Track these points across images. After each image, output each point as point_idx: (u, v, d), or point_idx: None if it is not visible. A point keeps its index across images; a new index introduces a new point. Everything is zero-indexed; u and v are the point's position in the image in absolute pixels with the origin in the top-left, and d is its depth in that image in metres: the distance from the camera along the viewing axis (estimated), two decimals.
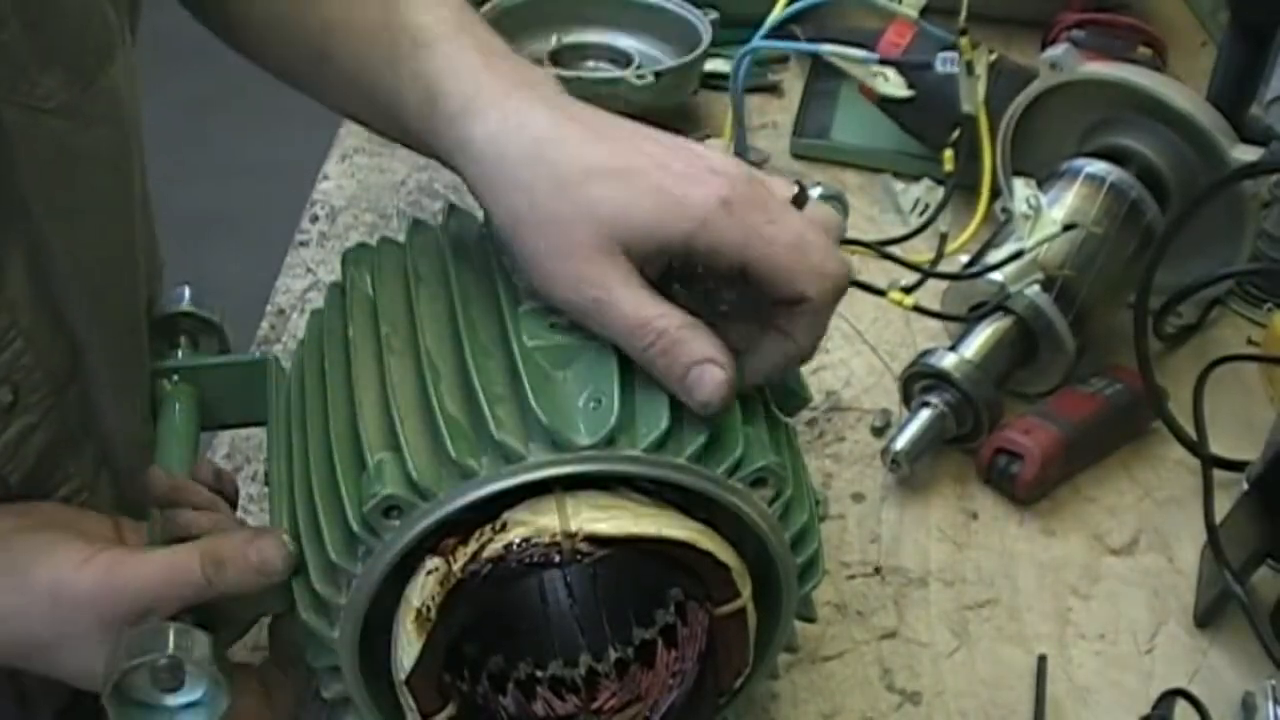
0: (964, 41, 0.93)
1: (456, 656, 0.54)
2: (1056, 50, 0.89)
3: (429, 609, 0.50)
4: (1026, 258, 0.81)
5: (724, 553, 0.53)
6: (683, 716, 0.57)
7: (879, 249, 0.87)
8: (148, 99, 0.69)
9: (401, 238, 0.62)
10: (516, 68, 0.58)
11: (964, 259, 0.87)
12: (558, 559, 0.50)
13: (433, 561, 0.50)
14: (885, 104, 1.01)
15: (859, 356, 0.87)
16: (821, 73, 1.14)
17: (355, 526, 0.50)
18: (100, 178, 0.64)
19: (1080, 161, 0.87)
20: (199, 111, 2.79)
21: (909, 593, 0.73)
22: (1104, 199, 0.85)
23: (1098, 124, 0.90)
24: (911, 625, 0.71)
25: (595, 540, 0.50)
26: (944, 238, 0.93)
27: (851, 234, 0.90)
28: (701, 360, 0.51)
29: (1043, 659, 0.70)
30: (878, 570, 0.74)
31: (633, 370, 0.52)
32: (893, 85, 0.97)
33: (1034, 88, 0.90)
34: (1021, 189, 0.83)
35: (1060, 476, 0.79)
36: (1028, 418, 0.80)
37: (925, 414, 0.79)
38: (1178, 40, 1.14)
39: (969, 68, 0.93)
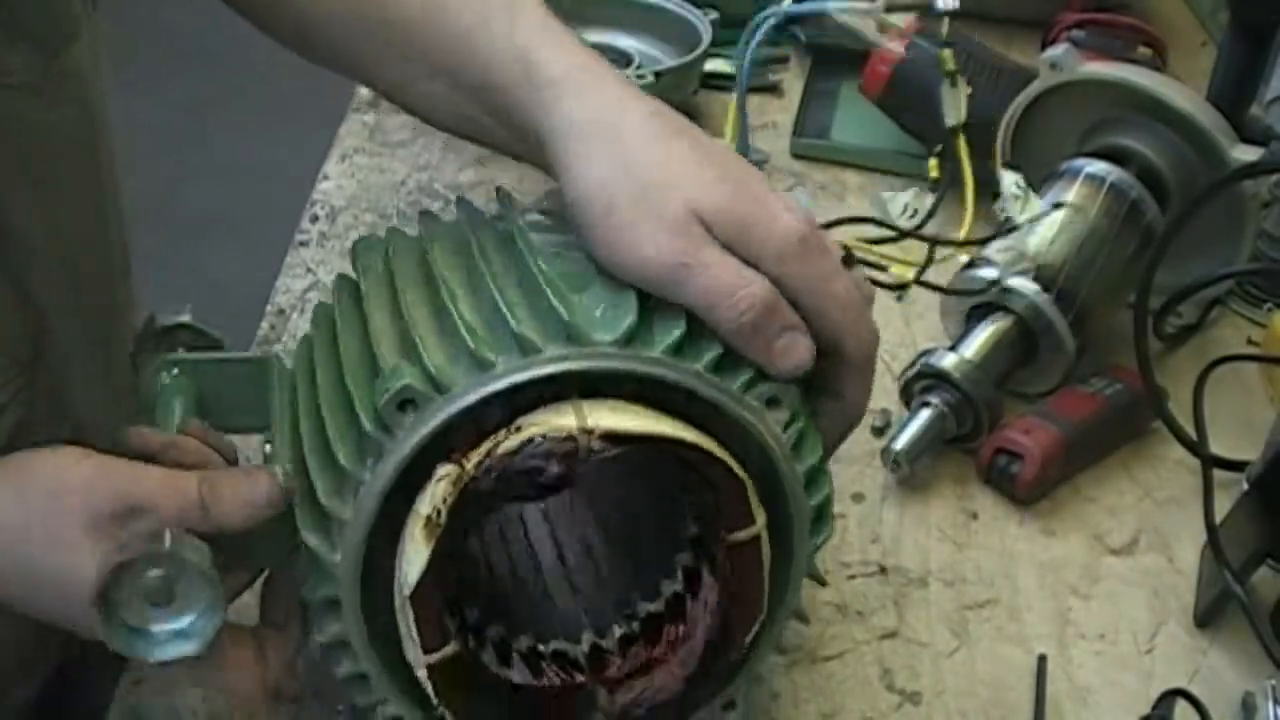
0: (945, 54, 0.94)
1: (460, 618, 0.54)
2: (1056, 50, 0.89)
3: (439, 513, 0.50)
4: (1014, 244, 0.82)
5: (737, 468, 0.53)
6: (700, 673, 0.56)
7: (875, 254, 0.87)
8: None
9: (410, 230, 0.62)
10: (592, 51, 0.59)
11: (963, 259, 0.87)
12: (573, 451, 0.50)
13: (445, 468, 0.50)
14: (884, 104, 1.01)
15: None
16: (821, 73, 1.14)
17: (368, 426, 0.50)
18: (67, 157, 0.64)
19: (1080, 161, 0.87)
20: (199, 111, 2.79)
21: (909, 593, 0.73)
22: (1104, 199, 0.85)
23: (1098, 124, 0.90)
24: (911, 625, 0.71)
25: (612, 437, 0.50)
26: (933, 246, 0.93)
27: (854, 236, 0.90)
28: (791, 326, 0.53)
29: (1043, 659, 0.69)
30: (878, 570, 0.74)
31: (649, 297, 0.53)
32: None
33: (1034, 88, 0.90)
34: (1009, 175, 0.85)
35: (1060, 476, 0.79)
36: (1028, 418, 0.80)
37: (925, 414, 0.79)
38: (1178, 40, 1.14)
39: (951, 79, 0.94)
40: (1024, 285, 0.81)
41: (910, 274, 0.90)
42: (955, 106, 0.95)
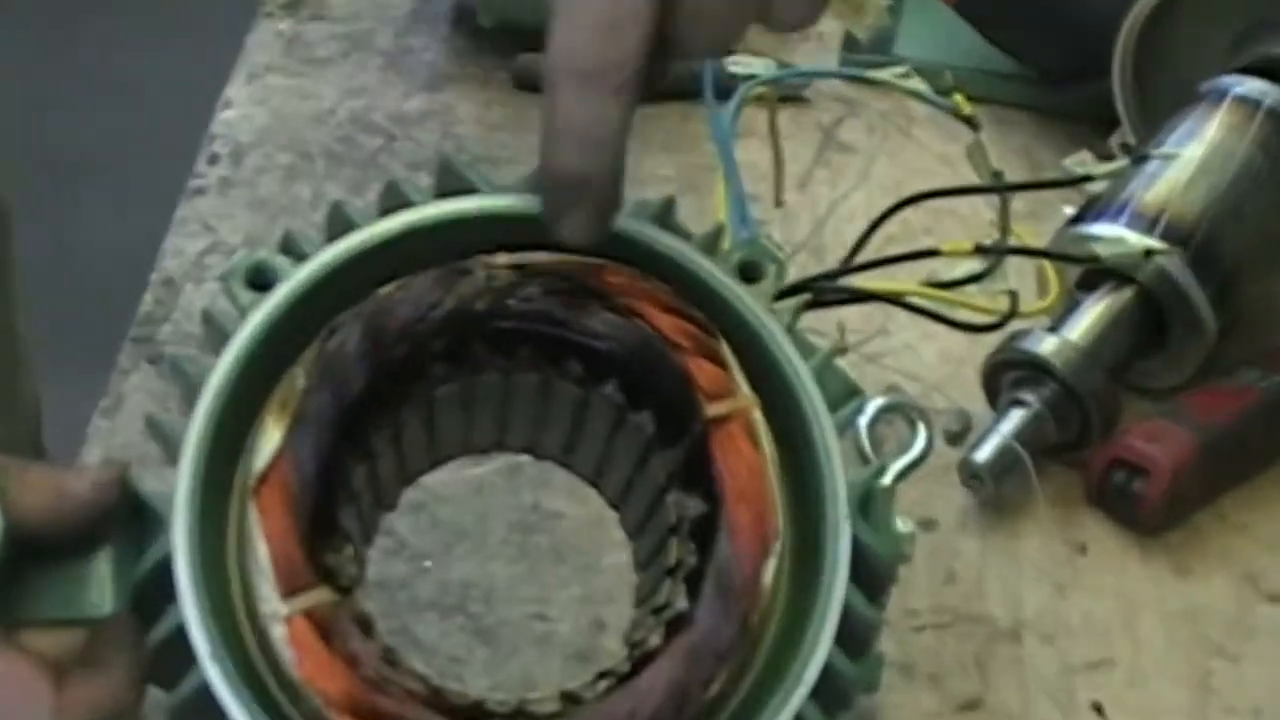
0: None
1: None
2: None
3: (297, 382, 0.54)
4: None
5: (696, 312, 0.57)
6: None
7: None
8: None
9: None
10: None
11: (1069, 210, 0.87)
12: (470, 282, 0.56)
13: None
14: (966, 11, 1.00)
15: (930, 340, 0.87)
16: None
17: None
18: None
19: (1227, 80, 0.87)
20: (63, 20, 2.80)
21: (996, 650, 0.73)
22: (1259, 128, 0.85)
23: (1250, 30, 0.90)
24: (999, 693, 0.71)
25: (515, 267, 0.56)
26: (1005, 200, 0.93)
27: (923, 182, 0.90)
28: None
29: None
30: (954, 621, 0.74)
31: None
32: None
33: None
34: None
35: (1198, 498, 0.79)
36: (1154, 421, 0.80)
37: (1016, 415, 0.79)
38: None
39: None
40: (1150, 244, 0.81)
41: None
42: None
